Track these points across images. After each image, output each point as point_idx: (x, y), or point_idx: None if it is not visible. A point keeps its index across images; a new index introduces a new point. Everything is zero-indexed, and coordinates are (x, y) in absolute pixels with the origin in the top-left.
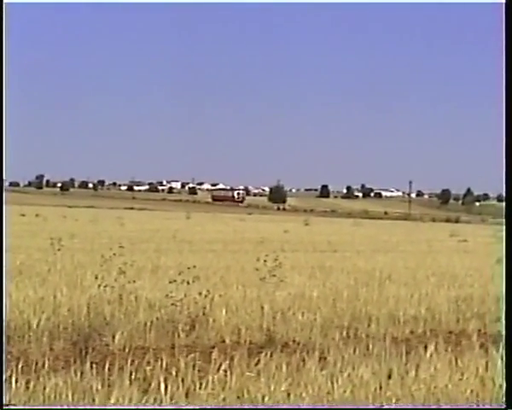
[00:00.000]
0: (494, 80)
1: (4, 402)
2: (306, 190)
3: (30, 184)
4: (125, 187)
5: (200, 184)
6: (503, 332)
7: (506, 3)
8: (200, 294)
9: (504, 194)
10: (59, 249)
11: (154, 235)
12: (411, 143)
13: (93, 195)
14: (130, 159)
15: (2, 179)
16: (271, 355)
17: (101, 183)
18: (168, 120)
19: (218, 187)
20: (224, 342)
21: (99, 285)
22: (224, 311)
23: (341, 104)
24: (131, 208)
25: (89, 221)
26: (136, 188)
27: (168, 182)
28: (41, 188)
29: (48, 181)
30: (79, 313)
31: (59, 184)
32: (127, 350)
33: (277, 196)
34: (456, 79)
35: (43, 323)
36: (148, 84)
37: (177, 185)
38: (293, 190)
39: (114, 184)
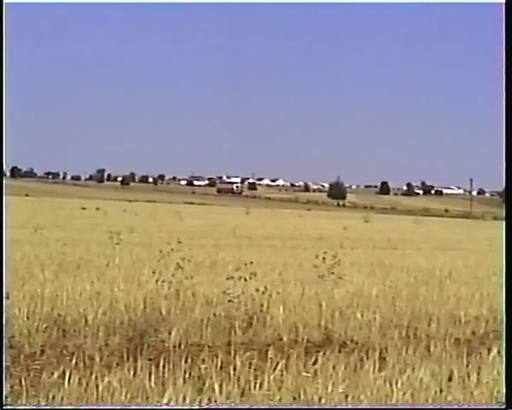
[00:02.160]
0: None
1: (4, 402)
2: (366, 186)
3: (91, 177)
4: (185, 182)
5: (260, 179)
6: (504, 332)
7: (506, 3)
8: (257, 290)
9: (504, 193)
10: (118, 243)
11: (212, 230)
12: (473, 141)
13: (153, 189)
14: (190, 154)
15: (2, 176)
16: (329, 355)
17: (162, 177)
18: (228, 115)
19: (222, 181)
20: (281, 340)
21: (156, 280)
22: (281, 308)
23: (402, 101)
24: (191, 203)
25: (148, 215)
26: (195, 183)
27: (228, 177)
28: (102, 182)
29: (109, 175)
30: (136, 309)
31: (119, 179)
32: (183, 347)
33: (337, 192)
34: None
35: (99, 317)
36: (206, 78)
37: (237, 181)
38: (353, 187)
39: (174, 178)
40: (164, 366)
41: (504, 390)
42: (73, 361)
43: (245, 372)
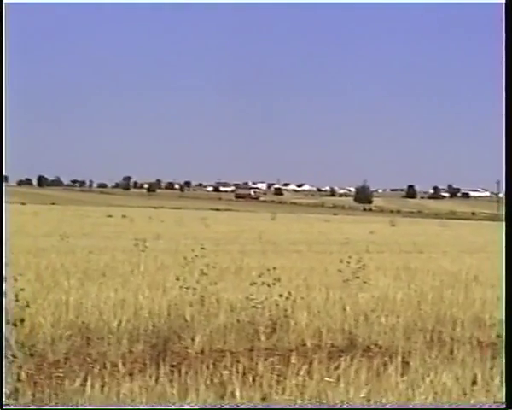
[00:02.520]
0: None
1: (4, 402)
2: (392, 190)
3: (117, 185)
4: (211, 188)
5: (286, 184)
6: (504, 332)
7: (506, 3)
8: (281, 296)
9: (504, 195)
10: (143, 251)
11: (238, 236)
12: (499, 142)
13: (179, 196)
14: (216, 160)
15: (2, 177)
16: (352, 359)
17: (188, 184)
18: (253, 120)
19: (240, 186)
20: (304, 345)
21: (181, 287)
22: (305, 313)
23: (428, 104)
24: (217, 209)
25: (174, 222)
26: (222, 189)
27: (254, 183)
28: (128, 189)
29: (135, 182)
30: (160, 315)
31: (146, 186)
32: (206, 353)
33: (363, 196)
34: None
35: (123, 325)
36: (232, 83)
37: (263, 186)
38: (380, 191)
39: (200, 185)
40: (186, 373)
41: (504, 390)
42: (96, 369)
43: (267, 378)
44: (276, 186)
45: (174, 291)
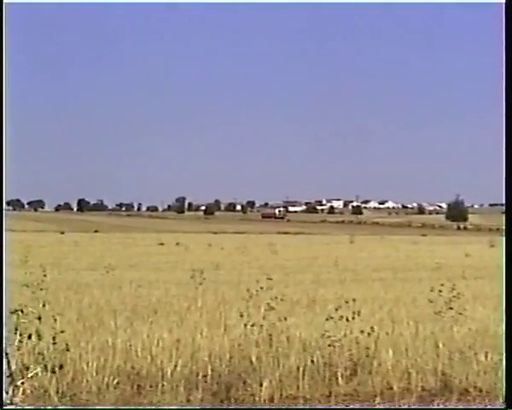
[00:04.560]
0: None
1: (4, 402)
2: (491, 205)
3: (169, 208)
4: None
5: (366, 202)
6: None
7: (506, 3)
8: (362, 332)
9: (504, 197)
10: (201, 283)
11: (311, 263)
12: None
13: (241, 218)
14: (283, 175)
15: (1, 179)
16: (447, 404)
17: (251, 204)
18: (328, 131)
19: (269, 205)
20: (390, 388)
21: (245, 324)
22: (390, 352)
23: None
24: (286, 233)
25: (236, 249)
26: (291, 209)
27: (328, 201)
28: (182, 212)
29: (190, 204)
30: (221, 358)
31: (203, 208)
32: (276, 400)
33: (457, 213)
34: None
35: (179, 370)
36: (300, 96)
37: (339, 204)
38: (476, 206)
39: (266, 204)
40: None
41: (504, 391)
42: None
43: None
44: (355, 204)
45: (237, 329)
